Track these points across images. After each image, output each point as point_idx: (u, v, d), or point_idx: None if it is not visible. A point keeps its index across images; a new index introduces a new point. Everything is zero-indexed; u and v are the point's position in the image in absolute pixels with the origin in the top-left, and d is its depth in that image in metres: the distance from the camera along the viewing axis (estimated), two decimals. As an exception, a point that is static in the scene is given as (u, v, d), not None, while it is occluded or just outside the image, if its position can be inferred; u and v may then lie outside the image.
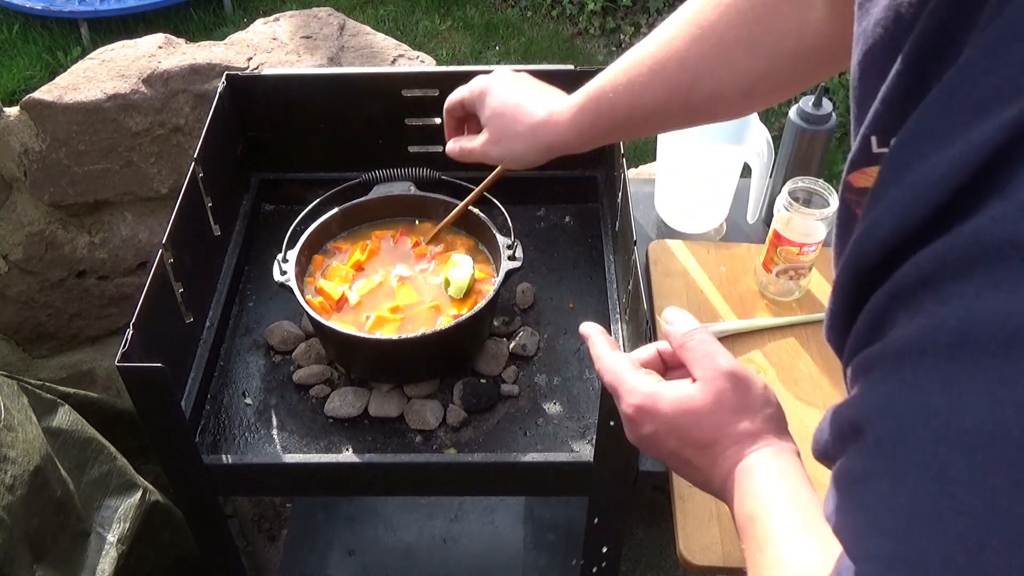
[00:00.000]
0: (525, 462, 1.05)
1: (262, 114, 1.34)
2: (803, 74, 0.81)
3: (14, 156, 1.56)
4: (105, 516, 1.23)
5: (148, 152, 1.58)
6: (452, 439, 1.09)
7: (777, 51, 0.78)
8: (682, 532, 1.06)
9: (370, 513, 1.67)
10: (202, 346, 1.16)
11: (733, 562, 1.04)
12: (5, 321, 1.75)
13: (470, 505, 1.67)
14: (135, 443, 1.39)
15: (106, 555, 1.19)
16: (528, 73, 1.01)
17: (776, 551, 0.52)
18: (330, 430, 1.10)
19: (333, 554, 1.61)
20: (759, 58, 0.79)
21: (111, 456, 1.26)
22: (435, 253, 1.19)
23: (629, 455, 1.03)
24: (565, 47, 3.51)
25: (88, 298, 1.77)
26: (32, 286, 1.71)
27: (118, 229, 1.70)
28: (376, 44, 1.66)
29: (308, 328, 1.20)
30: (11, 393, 1.13)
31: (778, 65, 0.79)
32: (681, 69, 0.82)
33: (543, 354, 1.19)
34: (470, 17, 3.66)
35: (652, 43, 0.84)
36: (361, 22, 1.75)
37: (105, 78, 1.54)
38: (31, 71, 3.32)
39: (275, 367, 1.18)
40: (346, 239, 1.21)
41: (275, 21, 1.70)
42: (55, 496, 1.12)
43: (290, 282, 1.08)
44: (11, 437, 1.06)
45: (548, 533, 1.63)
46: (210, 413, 1.13)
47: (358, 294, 1.13)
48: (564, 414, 1.12)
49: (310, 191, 1.31)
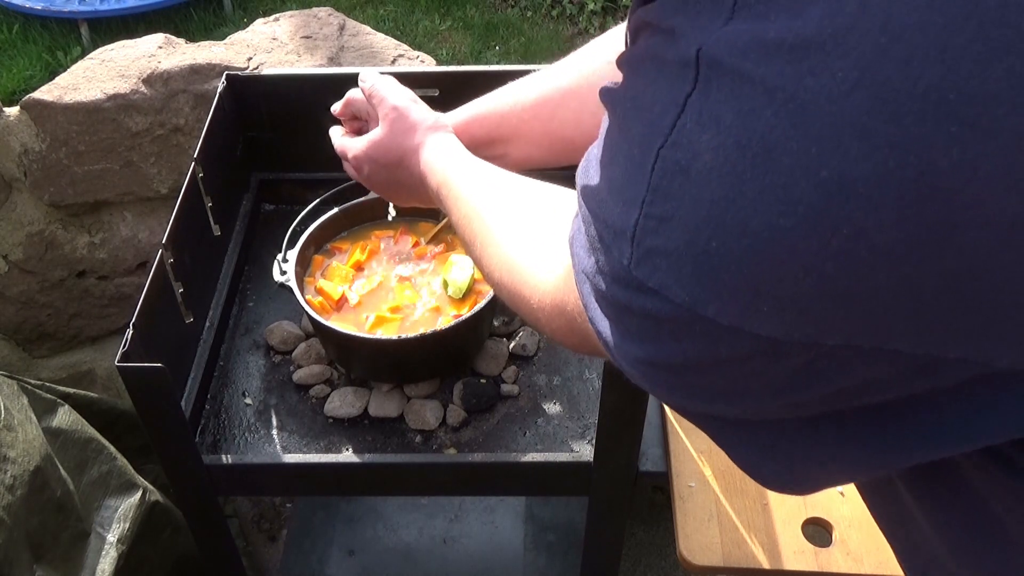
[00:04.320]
0: (525, 462, 1.05)
1: (262, 114, 1.34)
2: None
3: (14, 156, 1.56)
4: (105, 516, 1.23)
5: (148, 152, 1.58)
6: (452, 439, 1.09)
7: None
8: (682, 532, 1.06)
9: (370, 513, 1.67)
10: (202, 346, 1.16)
11: (733, 562, 1.04)
12: (5, 321, 1.75)
13: (470, 505, 1.67)
14: (135, 443, 1.39)
15: (106, 555, 1.19)
16: (528, 73, 1.01)
17: (505, 252, 0.67)
18: (330, 430, 1.10)
19: (333, 554, 1.61)
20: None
21: (111, 456, 1.26)
22: (435, 253, 1.19)
23: (629, 455, 1.03)
24: (565, 47, 3.51)
25: (88, 298, 1.77)
26: (32, 286, 1.71)
27: (118, 229, 1.70)
28: (376, 44, 1.66)
29: (308, 328, 1.20)
30: (11, 393, 1.13)
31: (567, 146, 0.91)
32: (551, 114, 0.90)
33: (543, 354, 1.19)
34: (470, 17, 3.66)
35: (527, 83, 0.92)
36: (361, 22, 1.75)
37: (105, 78, 1.54)
38: (31, 71, 3.31)
39: (275, 367, 1.18)
40: (346, 239, 1.21)
41: (275, 21, 1.70)
42: (55, 496, 1.12)
43: (290, 282, 1.08)
44: (11, 437, 1.06)
45: (548, 533, 1.63)
46: (210, 413, 1.13)
47: (358, 294, 1.13)
48: (564, 414, 1.12)
49: (310, 191, 1.31)
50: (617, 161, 0.42)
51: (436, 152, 0.86)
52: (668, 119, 0.38)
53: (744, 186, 0.35)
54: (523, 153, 0.93)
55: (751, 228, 0.35)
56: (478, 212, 0.74)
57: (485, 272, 0.71)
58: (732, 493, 1.13)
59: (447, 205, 0.81)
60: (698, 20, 0.38)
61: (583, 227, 0.45)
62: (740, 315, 0.37)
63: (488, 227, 0.71)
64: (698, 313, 0.37)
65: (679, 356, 0.40)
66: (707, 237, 0.36)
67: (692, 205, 0.36)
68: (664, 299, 0.38)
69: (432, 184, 0.84)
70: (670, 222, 0.37)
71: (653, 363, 0.42)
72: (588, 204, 0.44)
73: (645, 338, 0.42)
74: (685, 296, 0.38)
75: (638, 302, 0.40)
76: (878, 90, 0.32)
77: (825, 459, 0.43)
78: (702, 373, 0.41)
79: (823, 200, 0.33)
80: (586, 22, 3.60)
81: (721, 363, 0.39)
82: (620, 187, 0.41)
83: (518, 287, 0.64)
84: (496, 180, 0.77)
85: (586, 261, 0.45)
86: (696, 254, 0.37)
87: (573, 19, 3.66)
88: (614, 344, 0.44)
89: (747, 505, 1.11)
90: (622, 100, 0.43)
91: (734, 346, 0.38)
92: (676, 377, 0.42)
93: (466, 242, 0.75)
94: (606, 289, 0.43)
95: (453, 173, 0.82)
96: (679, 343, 0.40)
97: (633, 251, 0.39)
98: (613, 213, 0.41)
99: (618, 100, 0.44)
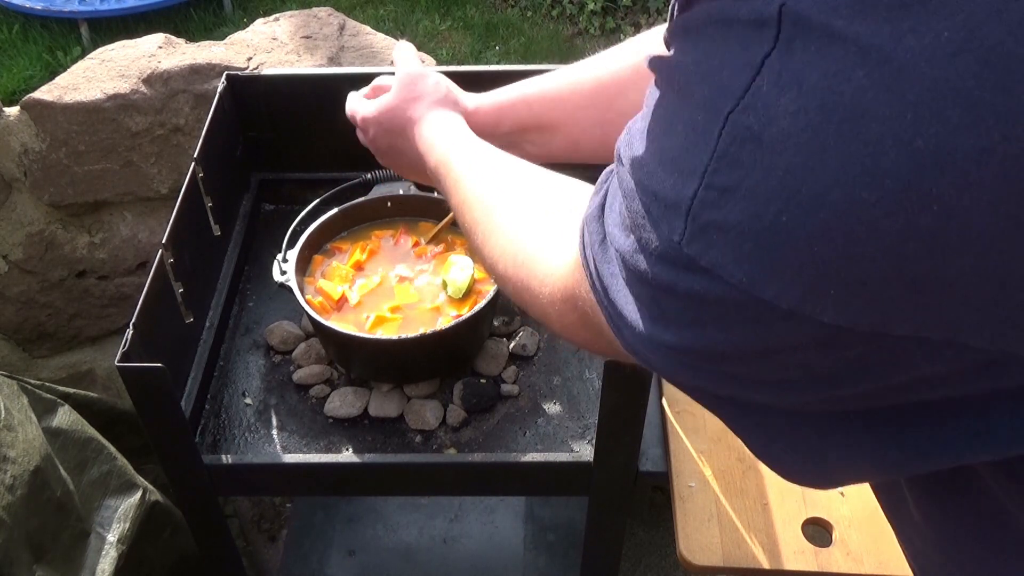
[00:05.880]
0: (525, 462, 1.05)
1: (262, 114, 1.34)
2: None
3: (14, 156, 1.56)
4: (105, 516, 1.23)
5: (148, 152, 1.58)
6: (452, 439, 1.09)
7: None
8: (682, 532, 1.06)
9: (370, 513, 1.67)
10: (202, 346, 1.16)
11: (733, 562, 1.04)
12: (5, 321, 1.75)
13: (470, 505, 1.67)
14: (135, 443, 1.39)
15: (106, 555, 1.19)
16: (528, 73, 1.01)
17: (514, 240, 0.63)
18: (330, 430, 1.10)
19: (333, 554, 1.61)
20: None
21: (111, 456, 1.26)
22: (435, 253, 1.19)
23: (629, 455, 1.03)
24: (565, 47, 3.51)
25: (88, 298, 1.77)
26: (32, 286, 1.71)
27: (118, 229, 1.70)
28: (376, 44, 1.66)
29: (308, 328, 1.20)
30: (11, 393, 1.13)
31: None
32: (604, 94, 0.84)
33: (543, 354, 1.19)
34: (470, 17, 3.66)
35: (582, 67, 0.86)
36: (361, 22, 1.75)
37: (105, 78, 1.54)
38: (31, 71, 3.31)
39: (275, 367, 1.18)
40: (346, 239, 1.21)
41: (275, 21, 1.70)
42: (55, 496, 1.12)
43: (290, 282, 1.08)
44: (11, 437, 1.06)
45: (548, 533, 1.63)
46: (210, 413, 1.13)
47: (358, 294, 1.13)
48: (564, 414, 1.12)
49: (310, 191, 1.31)
50: (674, 129, 0.38)
51: (436, 129, 0.82)
52: (741, 81, 0.34)
53: (825, 154, 0.32)
54: (570, 141, 0.87)
55: (828, 201, 0.32)
56: (480, 197, 0.69)
57: (487, 263, 0.66)
58: (732, 493, 1.13)
59: (445, 187, 0.76)
60: None
61: (622, 203, 0.42)
62: (802, 299, 0.33)
63: (491, 214, 0.66)
64: (754, 295, 0.34)
65: (721, 344, 0.37)
66: (776, 210, 0.33)
67: (762, 174, 0.33)
68: (716, 279, 0.35)
69: (430, 162, 0.80)
70: (734, 193, 0.34)
71: (687, 350, 0.39)
72: (634, 176, 0.41)
73: (684, 323, 0.38)
74: (742, 276, 0.34)
75: (685, 282, 0.37)
76: (987, 54, 0.29)
77: (855, 457, 0.41)
78: (743, 362, 0.38)
79: (914, 173, 0.30)
80: (586, 22, 3.60)
81: (768, 352, 0.36)
82: (676, 157, 0.37)
83: (525, 279, 0.59)
84: (500, 164, 0.72)
85: (622, 240, 0.42)
86: (761, 229, 0.33)
87: (573, 19, 3.66)
88: (640, 330, 0.41)
89: (747, 505, 1.11)
90: (680, 66, 0.39)
91: (789, 333, 0.35)
92: (710, 364, 0.39)
93: (466, 230, 0.70)
94: (647, 269, 0.39)
95: (453, 154, 0.77)
96: (724, 330, 0.37)
97: (687, 226, 0.36)
98: (665, 185, 0.37)
99: (675, 67, 0.40)
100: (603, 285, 0.44)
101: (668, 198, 0.37)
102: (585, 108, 0.84)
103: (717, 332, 0.37)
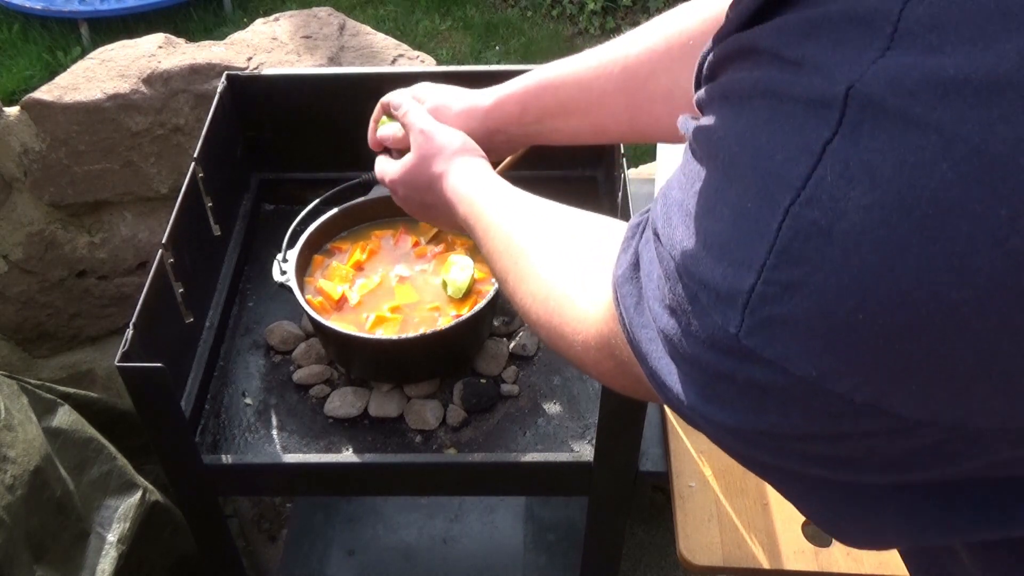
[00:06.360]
0: (525, 462, 1.05)
1: (262, 114, 1.34)
2: None
3: (14, 156, 1.56)
4: (105, 516, 1.23)
5: (148, 152, 1.58)
6: (452, 439, 1.09)
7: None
8: (682, 532, 1.06)
9: (370, 513, 1.67)
10: (202, 346, 1.16)
11: (733, 562, 1.04)
12: (5, 321, 1.75)
13: (470, 505, 1.67)
14: (135, 443, 1.39)
15: (106, 555, 1.19)
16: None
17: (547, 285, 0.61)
18: (330, 430, 1.10)
19: (333, 554, 1.61)
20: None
21: (111, 456, 1.26)
22: (435, 253, 1.19)
23: (629, 455, 1.03)
24: (565, 47, 3.51)
25: (88, 298, 1.77)
26: (32, 286, 1.71)
27: (118, 229, 1.70)
28: (376, 44, 1.66)
29: (308, 328, 1.20)
30: (11, 393, 1.13)
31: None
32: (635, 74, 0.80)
33: (543, 354, 1.19)
34: (470, 17, 3.66)
35: (608, 49, 0.83)
36: (361, 22, 1.75)
37: (105, 78, 1.54)
38: (31, 71, 3.32)
39: (275, 367, 1.18)
40: (346, 239, 1.21)
41: (275, 21, 1.70)
42: (55, 496, 1.12)
43: (290, 282, 1.08)
44: (11, 437, 1.06)
45: (548, 533, 1.63)
46: (210, 413, 1.13)
47: (358, 294, 1.13)
48: (564, 414, 1.12)
49: (310, 191, 1.31)
50: (719, 214, 0.36)
51: (461, 179, 0.81)
52: (800, 170, 0.32)
53: (906, 252, 0.30)
54: (597, 126, 0.85)
55: (911, 300, 0.30)
56: (509, 243, 0.68)
57: (521, 310, 0.65)
58: (732, 493, 1.13)
59: (476, 237, 0.75)
60: (840, 50, 0.32)
61: (663, 281, 0.40)
62: (879, 393, 0.32)
63: (521, 259, 0.65)
64: (824, 387, 0.33)
65: (783, 427, 0.36)
66: (850, 308, 0.31)
67: (832, 271, 0.31)
68: (780, 370, 0.34)
69: (460, 213, 0.79)
70: (800, 289, 0.32)
71: (744, 431, 0.37)
72: (675, 258, 0.38)
73: (741, 408, 0.37)
74: (811, 370, 0.33)
75: (744, 372, 0.35)
76: None
77: (916, 526, 0.39)
78: (806, 442, 0.36)
79: (1010, 272, 0.28)
80: (586, 22, 3.60)
81: (837, 437, 0.35)
82: (725, 245, 0.35)
83: (558, 326, 0.58)
84: (529, 209, 0.70)
85: (665, 320, 0.40)
86: (833, 325, 0.32)
87: (573, 19, 3.66)
88: (688, 403, 0.39)
89: (747, 505, 1.11)
90: (723, 142, 0.37)
91: (860, 423, 0.33)
92: (769, 441, 0.37)
93: (499, 278, 0.70)
94: (693, 352, 0.38)
95: (481, 202, 0.76)
96: (787, 415, 0.35)
97: (744, 318, 0.34)
98: (715, 274, 0.35)
99: (717, 141, 0.37)
100: (642, 352, 0.43)
101: (719, 288, 0.35)
102: (613, 94, 0.81)
103: (779, 417, 0.35)
